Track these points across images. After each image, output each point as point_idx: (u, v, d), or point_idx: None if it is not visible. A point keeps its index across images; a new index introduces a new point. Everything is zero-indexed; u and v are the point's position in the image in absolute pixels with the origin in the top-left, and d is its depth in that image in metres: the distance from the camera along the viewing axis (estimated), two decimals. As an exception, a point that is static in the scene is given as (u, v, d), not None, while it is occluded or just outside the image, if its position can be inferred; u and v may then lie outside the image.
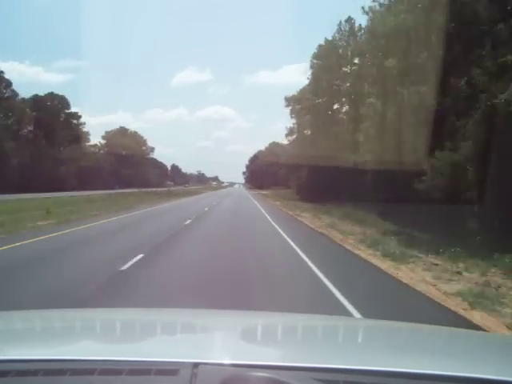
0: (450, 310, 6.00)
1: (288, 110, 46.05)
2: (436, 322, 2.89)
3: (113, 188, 64.46)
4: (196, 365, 1.13)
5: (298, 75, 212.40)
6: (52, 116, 60.90)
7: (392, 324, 2.35)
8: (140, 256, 9.36)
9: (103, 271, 7.97)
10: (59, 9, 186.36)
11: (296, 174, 46.88)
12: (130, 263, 8.59)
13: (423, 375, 1.17)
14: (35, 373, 1.12)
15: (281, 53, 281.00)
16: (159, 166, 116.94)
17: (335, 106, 38.87)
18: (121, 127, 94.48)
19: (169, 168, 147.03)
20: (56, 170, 55.98)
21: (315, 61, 37.55)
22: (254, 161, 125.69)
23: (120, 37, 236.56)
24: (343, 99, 36.13)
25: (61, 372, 1.12)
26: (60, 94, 68.21)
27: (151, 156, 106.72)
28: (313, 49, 40.35)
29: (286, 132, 48.87)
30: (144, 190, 55.97)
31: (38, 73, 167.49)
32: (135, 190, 54.90)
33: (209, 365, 1.15)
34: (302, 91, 42.03)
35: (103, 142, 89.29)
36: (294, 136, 47.85)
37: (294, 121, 46.83)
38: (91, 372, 1.11)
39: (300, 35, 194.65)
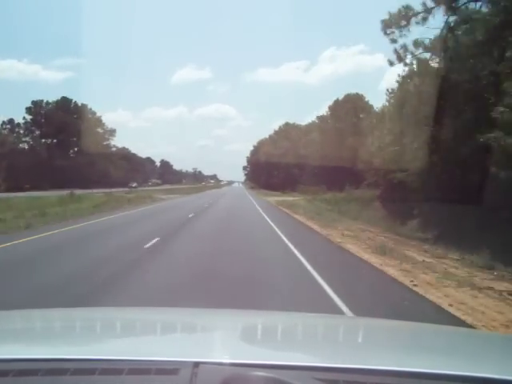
0: None
1: None
2: None
3: (22, 189, 43.53)
4: (196, 364, 1.11)
5: (298, 73, 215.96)
6: None
7: (392, 323, 2.33)
8: None
9: None
10: (58, 6, 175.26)
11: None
12: None
13: (424, 374, 1.14)
14: (35, 372, 1.10)
15: (281, 50, 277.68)
16: (131, 158, 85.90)
17: None
18: (62, 97, 61.31)
19: (158, 164, 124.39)
20: None
21: None
22: (258, 151, 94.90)
23: (119, 35, 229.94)
24: None
25: (61, 371, 1.10)
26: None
27: (113, 143, 73.83)
28: (313, 47, 9.17)
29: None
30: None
31: (37, 71, 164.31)
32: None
33: (209, 364, 1.13)
34: None
35: (28, 117, 59.00)
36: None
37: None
38: (92, 372, 1.09)
39: (300, 33, 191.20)
